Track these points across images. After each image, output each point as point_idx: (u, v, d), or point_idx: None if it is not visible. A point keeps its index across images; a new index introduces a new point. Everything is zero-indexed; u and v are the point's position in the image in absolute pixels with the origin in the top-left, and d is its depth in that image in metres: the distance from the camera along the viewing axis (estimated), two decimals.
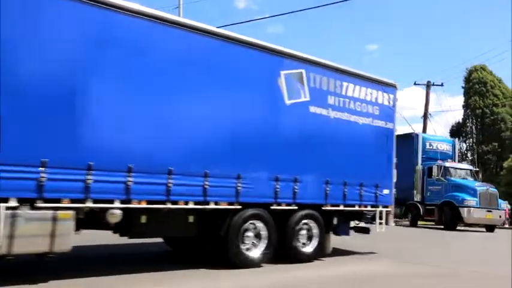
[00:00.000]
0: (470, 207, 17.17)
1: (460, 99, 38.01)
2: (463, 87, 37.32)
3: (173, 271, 5.90)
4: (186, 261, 6.72)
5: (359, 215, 7.84)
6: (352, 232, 8.12)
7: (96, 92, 5.06)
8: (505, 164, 30.12)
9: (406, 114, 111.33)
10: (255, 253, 6.37)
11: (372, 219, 7.98)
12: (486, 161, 33.54)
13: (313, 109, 7.05)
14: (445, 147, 20.48)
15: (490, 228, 18.15)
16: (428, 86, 35.86)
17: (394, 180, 8.13)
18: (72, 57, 4.94)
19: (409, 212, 19.56)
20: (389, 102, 8.11)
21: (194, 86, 5.84)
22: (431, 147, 19.92)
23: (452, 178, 18.38)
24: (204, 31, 5.93)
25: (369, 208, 7.77)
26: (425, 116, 32.35)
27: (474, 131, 35.79)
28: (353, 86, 7.60)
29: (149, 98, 5.45)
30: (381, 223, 8.05)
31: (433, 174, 18.42)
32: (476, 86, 35.55)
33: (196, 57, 5.90)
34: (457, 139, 24.41)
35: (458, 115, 44.88)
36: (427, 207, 18.66)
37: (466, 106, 36.60)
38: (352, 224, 8.00)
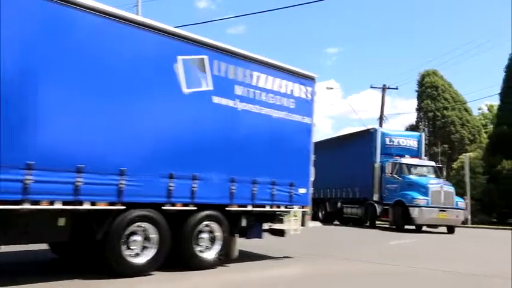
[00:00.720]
0: (421, 206, 15.92)
1: (414, 103, 38.71)
2: (416, 91, 38.02)
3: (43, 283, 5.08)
4: (68, 270, 5.91)
5: (272, 216, 7.24)
6: (266, 234, 7.52)
7: None
8: (454, 165, 30.75)
9: (362, 117, 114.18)
10: (142, 259, 5.64)
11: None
12: (437, 162, 34.26)
13: (217, 99, 6.40)
14: (409, 142, 19.23)
15: (450, 229, 16.69)
16: (383, 89, 36.37)
17: (312, 178, 7.60)
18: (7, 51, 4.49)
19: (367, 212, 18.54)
20: (307, 96, 7.58)
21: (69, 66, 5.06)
22: (391, 143, 18.77)
23: (407, 176, 17.16)
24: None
25: (282, 209, 7.20)
26: (381, 118, 32.76)
27: (427, 133, 36.45)
28: (265, 76, 7.01)
29: None
30: (303, 225, 7.55)
31: (387, 171, 17.35)
32: (429, 90, 36.25)
33: (77, 37, 5.12)
34: (423, 133, 22.74)
35: (412, 118, 45.81)
36: (384, 206, 17.46)
37: (419, 109, 37.27)
38: (266, 226, 7.40)
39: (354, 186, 19.62)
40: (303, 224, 7.47)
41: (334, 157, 20.80)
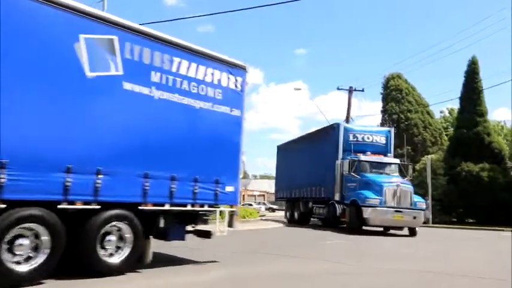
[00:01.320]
0: (374, 206, 14.78)
1: (379, 105, 38.95)
2: (381, 94, 38.28)
3: None
4: None
5: (195, 216, 6.60)
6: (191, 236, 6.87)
7: None
8: (417, 166, 30.99)
9: (329, 117, 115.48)
10: (27, 267, 4.86)
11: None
12: (403, 161, 34.70)
13: (128, 86, 5.73)
14: (376, 138, 17.89)
15: (411, 231, 15.38)
16: (350, 91, 36.47)
17: (241, 176, 7.01)
18: None
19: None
20: (236, 86, 6.99)
21: None
22: (355, 139, 17.51)
23: (366, 174, 16.08)
24: None
25: (206, 208, 6.57)
26: (347, 120, 32.74)
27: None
28: (188, 63, 6.39)
29: None
30: (230, 226, 6.95)
31: (345, 169, 16.31)
32: (393, 92, 36.54)
33: None
34: (392, 129, 20.29)
35: (377, 120, 46.13)
36: (344, 206, 16.23)
37: (383, 111, 37.52)
38: (190, 227, 6.75)
39: (321, 186, 18.37)
40: (230, 225, 6.86)
41: (304, 156, 20.36)
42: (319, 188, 18.61)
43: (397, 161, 18.06)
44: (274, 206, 48.08)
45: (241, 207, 23.66)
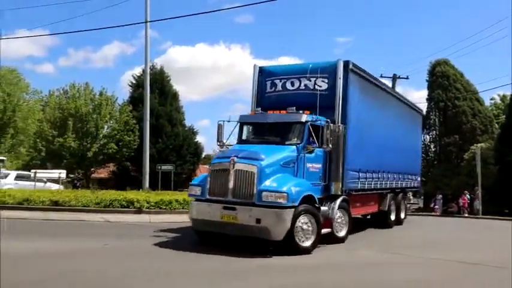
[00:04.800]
0: (195, 198, 10.33)
1: (424, 93, 38.69)
2: (427, 81, 37.95)
3: None
4: None
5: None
6: None
7: None
8: (466, 156, 31.09)
9: None
10: None
11: None
12: (448, 153, 34.44)
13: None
14: (307, 83, 11.63)
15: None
16: (394, 78, 36.65)
17: None
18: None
19: None
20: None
21: None
22: (274, 89, 12.20)
23: (238, 145, 11.00)
24: None
25: None
26: None
27: (437, 124, 36.47)
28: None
29: None
30: None
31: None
32: (440, 79, 36.18)
33: None
34: (342, 61, 10.31)
35: (423, 108, 45.83)
36: None
37: (429, 99, 37.18)
38: None
39: None
40: None
41: None
42: None
43: (303, 117, 10.52)
44: None
45: None
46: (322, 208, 10.51)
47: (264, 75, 12.49)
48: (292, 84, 11.88)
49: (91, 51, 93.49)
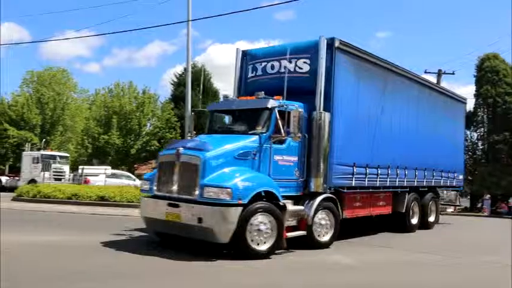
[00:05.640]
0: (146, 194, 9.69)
1: (471, 88, 35.84)
2: (474, 76, 35.40)
3: None
4: None
5: None
6: None
7: None
8: None
9: None
10: None
11: None
12: (497, 151, 31.84)
13: None
14: (287, 65, 10.29)
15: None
16: (439, 74, 34.62)
17: None
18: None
19: None
20: None
21: None
22: (254, 74, 11.15)
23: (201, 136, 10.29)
24: None
25: None
26: None
27: (485, 120, 33.74)
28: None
29: None
30: None
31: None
32: (488, 74, 33.55)
33: None
34: (324, 37, 10.19)
35: (470, 104, 42.46)
36: None
37: (477, 95, 34.67)
38: None
39: None
40: None
41: None
42: None
43: (269, 103, 9.22)
44: None
45: None
46: (292, 207, 9.10)
47: (247, 59, 11.37)
48: (272, 67, 10.59)
49: (134, 50, 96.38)
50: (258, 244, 8.25)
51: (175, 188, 8.57)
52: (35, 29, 78.11)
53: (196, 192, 8.16)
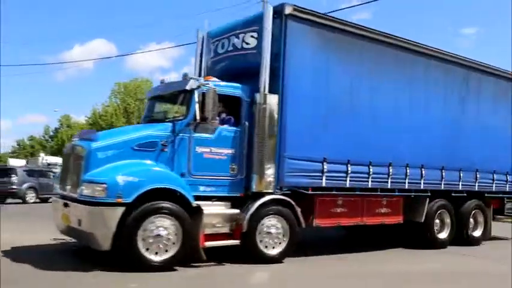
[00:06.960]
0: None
1: None
2: None
3: None
4: None
5: None
6: None
7: None
8: None
9: None
10: None
11: None
12: None
13: None
14: (236, 41, 8.97)
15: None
16: None
17: None
18: None
19: None
20: None
21: None
22: (214, 55, 9.56)
23: None
24: None
25: None
26: None
27: None
28: None
29: None
30: None
31: None
32: None
33: None
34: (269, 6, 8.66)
35: None
36: None
37: None
38: None
39: None
40: None
41: None
42: None
43: (188, 84, 7.77)
44: None
45: None
46: (219, 210, 7.35)
47: (208, 41, 9.82)
48: (223, 46, 9.14)
49: None
50: (156, 253, 6.78)
51: (68, 184, 7.48)
52: (121, 43, 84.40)
53: (79, 190, 6.95)
